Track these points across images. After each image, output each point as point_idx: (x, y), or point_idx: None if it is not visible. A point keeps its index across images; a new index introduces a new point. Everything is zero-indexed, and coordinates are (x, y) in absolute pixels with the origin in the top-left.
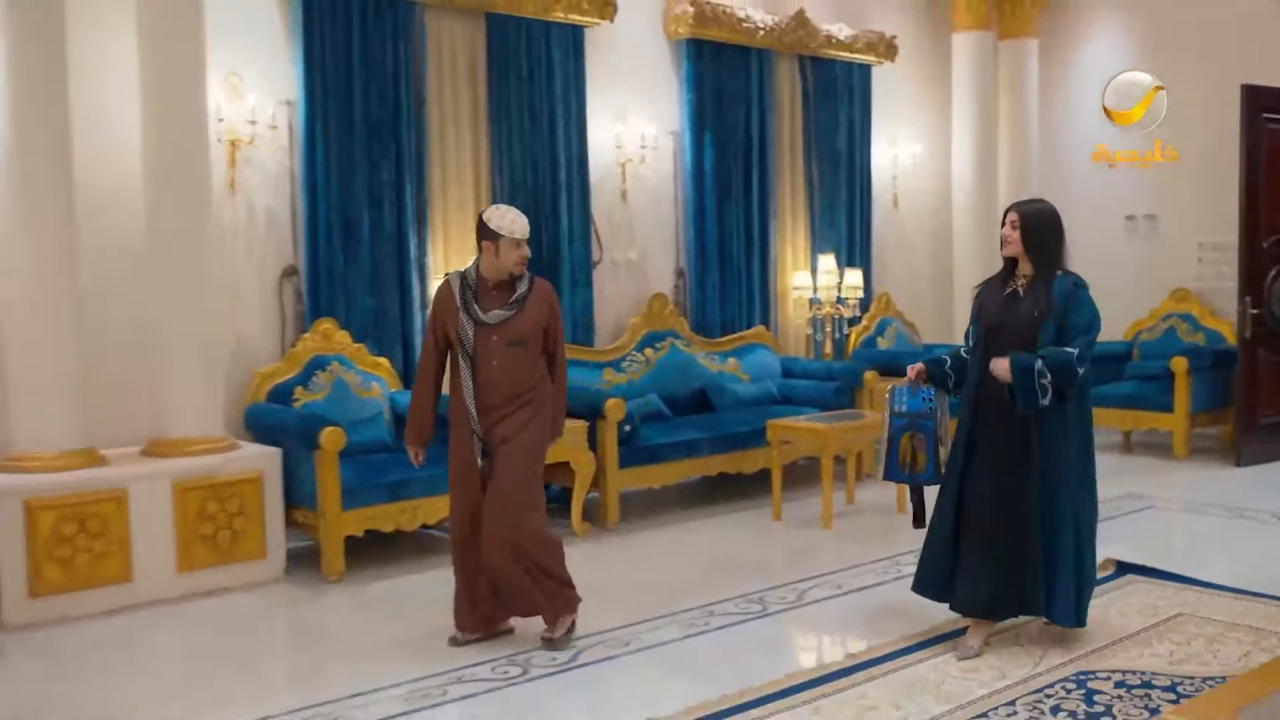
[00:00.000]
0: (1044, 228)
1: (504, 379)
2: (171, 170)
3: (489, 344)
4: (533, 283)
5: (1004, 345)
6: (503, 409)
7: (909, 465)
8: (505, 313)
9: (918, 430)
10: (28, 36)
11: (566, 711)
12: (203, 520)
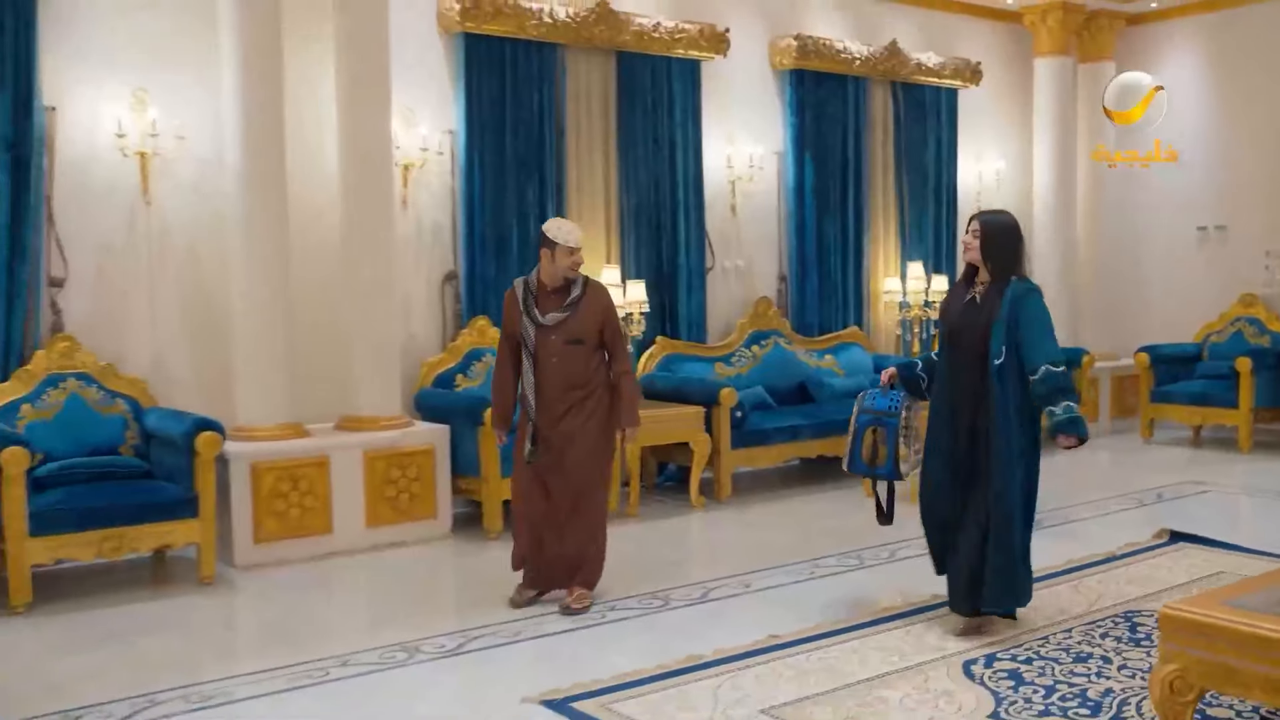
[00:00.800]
0: (1002, 238)
1: (563, 374)
2: (361, 191)
3: (548, 343)
4: (586, 285)
5: (962, 348)
6: (563, 400)
7: (871, 459)
8: (561, 314)
9: (881, 426)
10: (254, 83)
11: (703, 633)
12: (386, 484)
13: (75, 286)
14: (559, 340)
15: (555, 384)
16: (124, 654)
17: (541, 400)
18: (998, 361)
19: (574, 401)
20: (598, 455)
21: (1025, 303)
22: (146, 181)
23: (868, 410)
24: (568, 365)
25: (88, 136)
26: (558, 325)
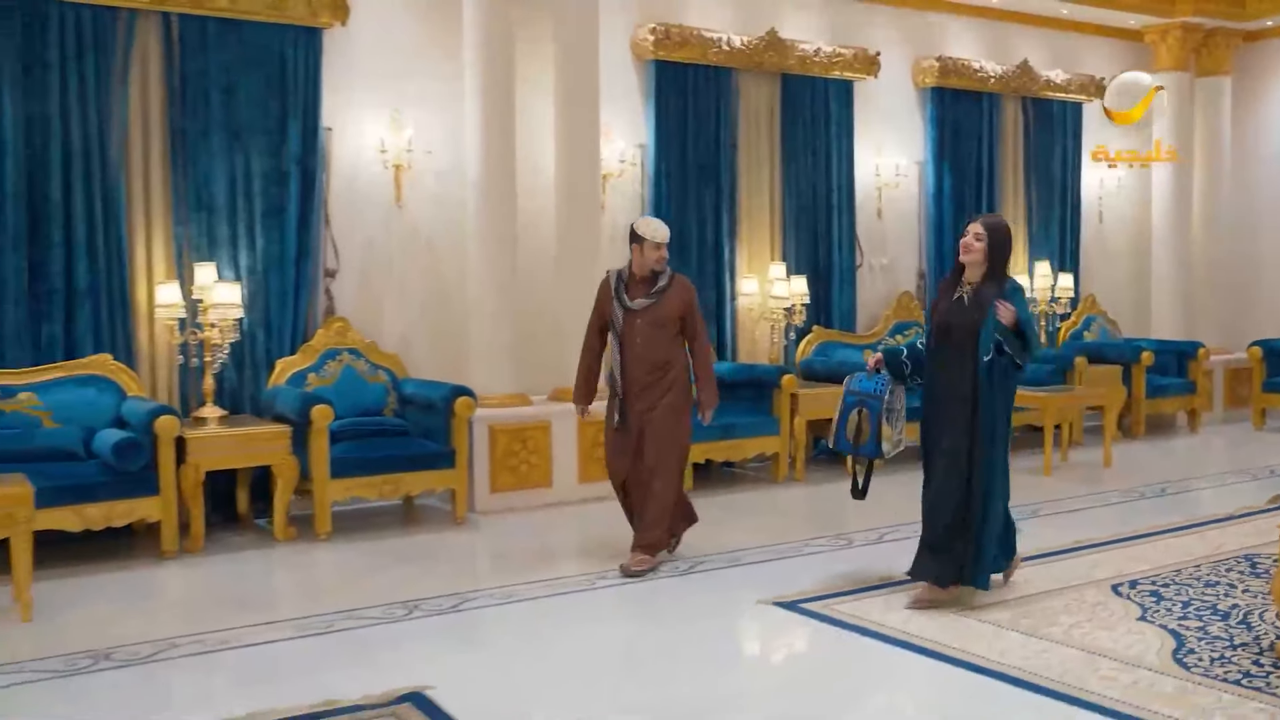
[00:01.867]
0: (1004, 242)
1: (645, 354)
2: (574, 198)
3: (634, 326)
4: (673, 278)
5: (952, 345)
6: (645, 379)
7: (855, 438)
8: (648, 301)
9: (864, 407)
10: (491, 107)
11: (872, 564)
12: (595, 447)
13: (344, 277)
14: (644, 324)
15: (638, 363)
16: (414, 570)
17: (626, 376)
18: (986, 358)
19: (654, 379)
20: (673, 429)
21: (1014, 299)
22: (400, 190)
23: (854, 392)
24: (650, 346)
25: (355, 152)
26: (643, 310)
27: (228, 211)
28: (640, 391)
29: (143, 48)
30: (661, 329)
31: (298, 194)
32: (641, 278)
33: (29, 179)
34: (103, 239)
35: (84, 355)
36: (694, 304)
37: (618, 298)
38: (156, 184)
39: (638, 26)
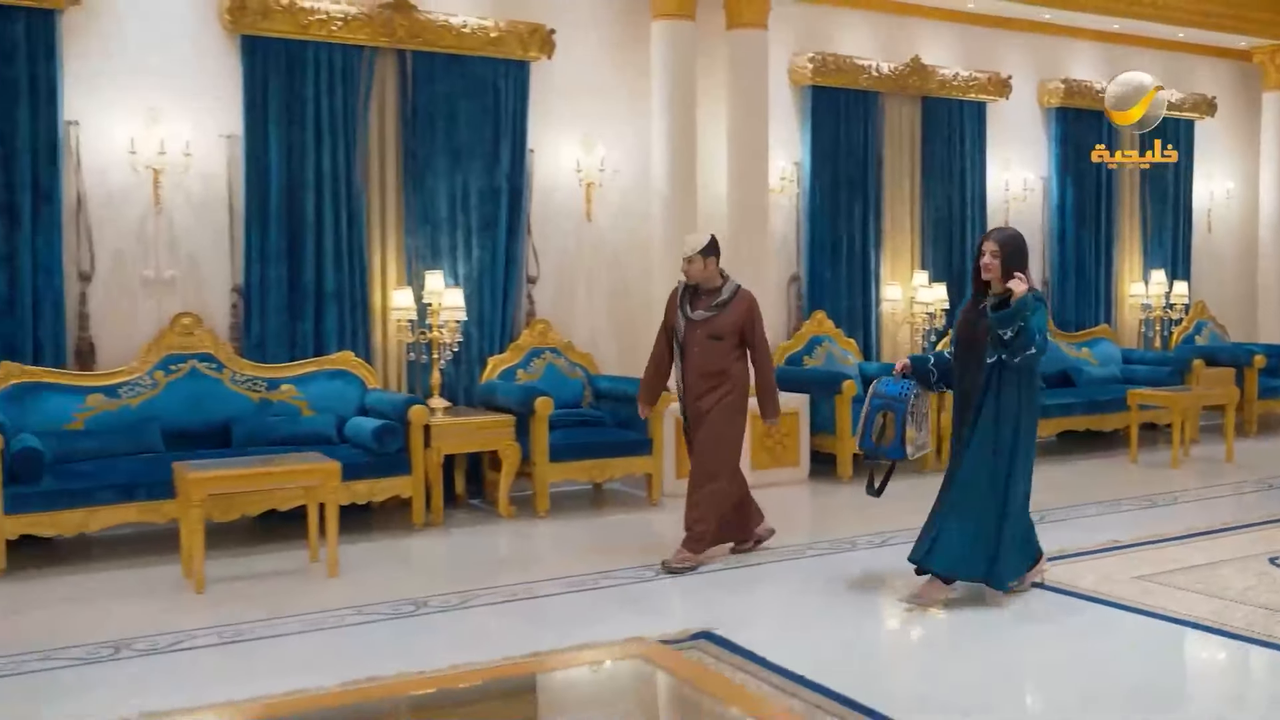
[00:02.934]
0: (1017, 253)
1: (701, 364)
2: (745, 211)
3: (694, 335)
4: (736, 293)
5: (974, 354)
6: (701, 385)
7: (880, 438)
8: (708, 313)
9: (890, 410)
10: (675, 131)
11: None
12: (765, 437)
13: (543, 283)
14: (702, 334)
15: (695, 370)
16: (640, 540)
17: (685, 382)
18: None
19: (709, 387)
20: (723, 436)
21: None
22: (590, 205)
23: (880, 395)
24: (706, 356)
25: (554, 172)
26: (703, 322)
27: (449, 224)
28: (696, 398)
29: (381, 81)
30: (718, 341)
31: (507, 209)
32: (706, 291)
33: (289, 199)
34: (346, 250)
35: (330, 352)
36: (754, 318)
37: (681, 308)
38: (391, 201)
39: (795, 55)
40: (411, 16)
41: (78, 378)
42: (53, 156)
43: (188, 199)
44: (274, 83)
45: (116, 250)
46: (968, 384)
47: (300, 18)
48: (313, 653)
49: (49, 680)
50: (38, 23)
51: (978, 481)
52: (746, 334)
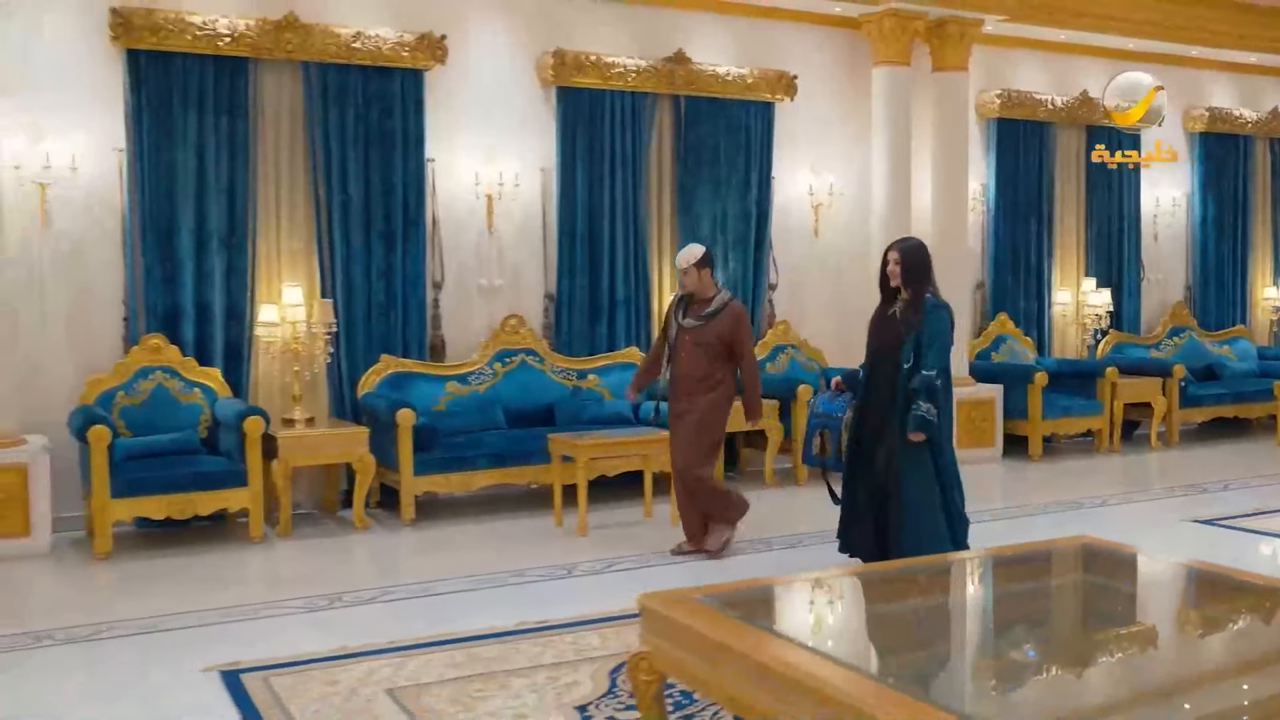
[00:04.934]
0: (917, 261)
1: (688, 369)
2: (949, 225)
3: (682, 341)
4: (725, 305)
5: (883, 357)
6: (688, 388)
7: (820, 453)
8: (696, 323)
9: (827, 428)
10: (893, 157)
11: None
12: (967, 420)
13: (781, 290)
14: (689, 341)
15: (682, 374)
16: None
17: (671, 384)
18: (906, 366)
19: (692, 390)
20: (700, 434)
21: (930, 318)
22: (818, 223)
23: (817, 414)
24: (691, 363)
25: (789, 196)
26: (692, 330)
27: (709, 242)
28: (679, 399)
29: (660, 123)
30: (703, 348)
31: (755, 228)
32: (699, 301)
33: (590, 223)
34: (633, 265)
35: (620, 349)
36: (740, 329)
37: (676, 316)
38: (666, 223)
39: (982, 92)
40: (687, 67)
41: (436, 368)
42: (419, 190)
43: (512, 222)
44: (580, 126)
45: (460, 263)
46: (877, 387)
47: (604, 71)
48: (691, 577)
49: (459, 600)
50: (410, 81)
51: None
52: (733, 344)
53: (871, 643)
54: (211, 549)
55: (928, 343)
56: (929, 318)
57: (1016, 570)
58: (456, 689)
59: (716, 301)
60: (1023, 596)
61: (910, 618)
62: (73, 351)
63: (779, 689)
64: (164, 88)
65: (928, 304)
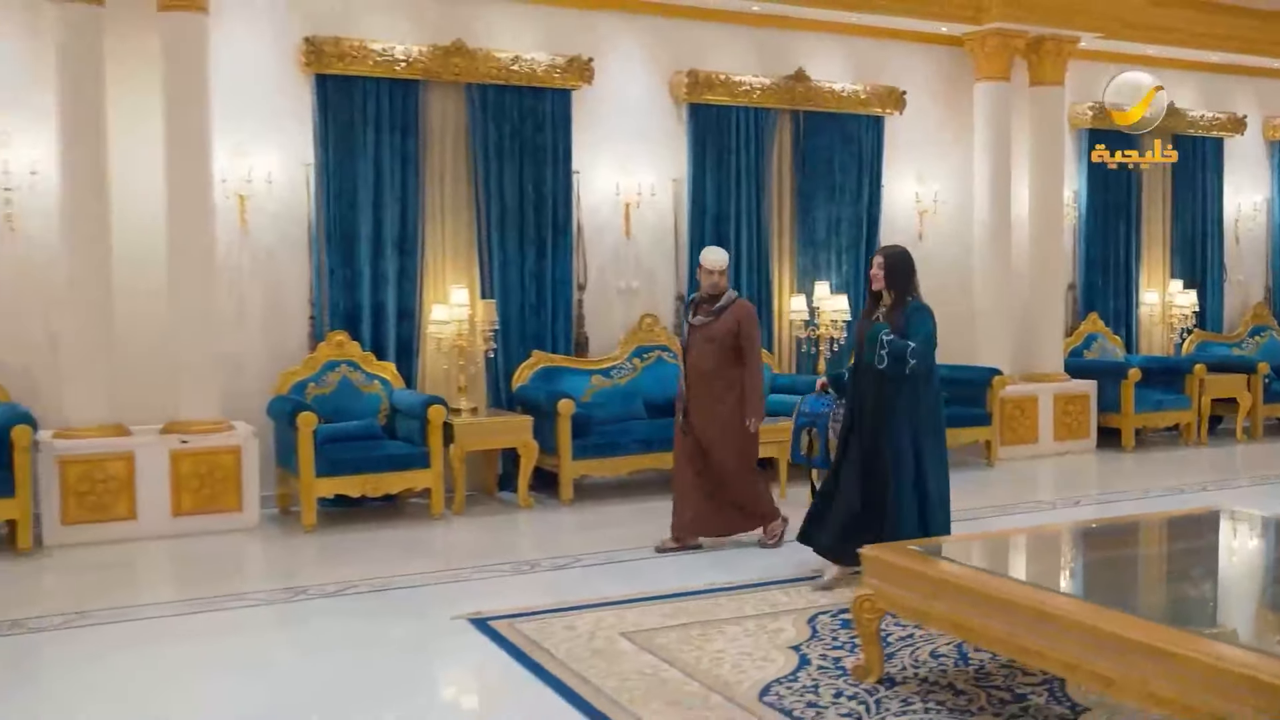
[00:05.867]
0: (900, 267)
1: (698, 364)
2: (1044, 233)
3: (694, 339)
4: (733, 301)
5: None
6: (700, 385)
7: (808, 452)
8: (706, 319)
9: (814, 426)
10: (995, 170)
11: None
12: (1064, 415)
13: None
14: (700, 338)
15: (694, 370)
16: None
17: (688, 384)
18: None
19: (708, 388)
20: (732, 434)
21: (914, 318)
22: (923, 228)
23: (805, 414)
24: (701, 358)
25: (896, 202)
26: (702, 327)
27: (825, 246)
28: (695, 398)
29: (780, 136)
30: (713, 343)
31: (865, 233)
32: (707, 298)
33: (716, 228)
34: (756, 266)
35: None
36: (748, 325)
37: (686, 315)
38: (785, 228)
39: (1074, 104)
40: (806, 84)
41: (582, 363)
42: (567, 200)
43: (647, 228)
44: (710, 139)
45: (600, 267)
46: (862, 387)
47: (733, 89)
48: None
49: (638, 567)
50: (559, 100)
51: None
52: (741, 340)
53: (1073, 576)
54: (398, 524)
55: (916, 334)
56: (913, 317)
57: (1179, 528)
58: (679, 634)
59: (726, 298)
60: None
61: (1104, 562)
62: (266, 346)
63: (1004, 612)
64: (347, 108)
65: (910, 306)
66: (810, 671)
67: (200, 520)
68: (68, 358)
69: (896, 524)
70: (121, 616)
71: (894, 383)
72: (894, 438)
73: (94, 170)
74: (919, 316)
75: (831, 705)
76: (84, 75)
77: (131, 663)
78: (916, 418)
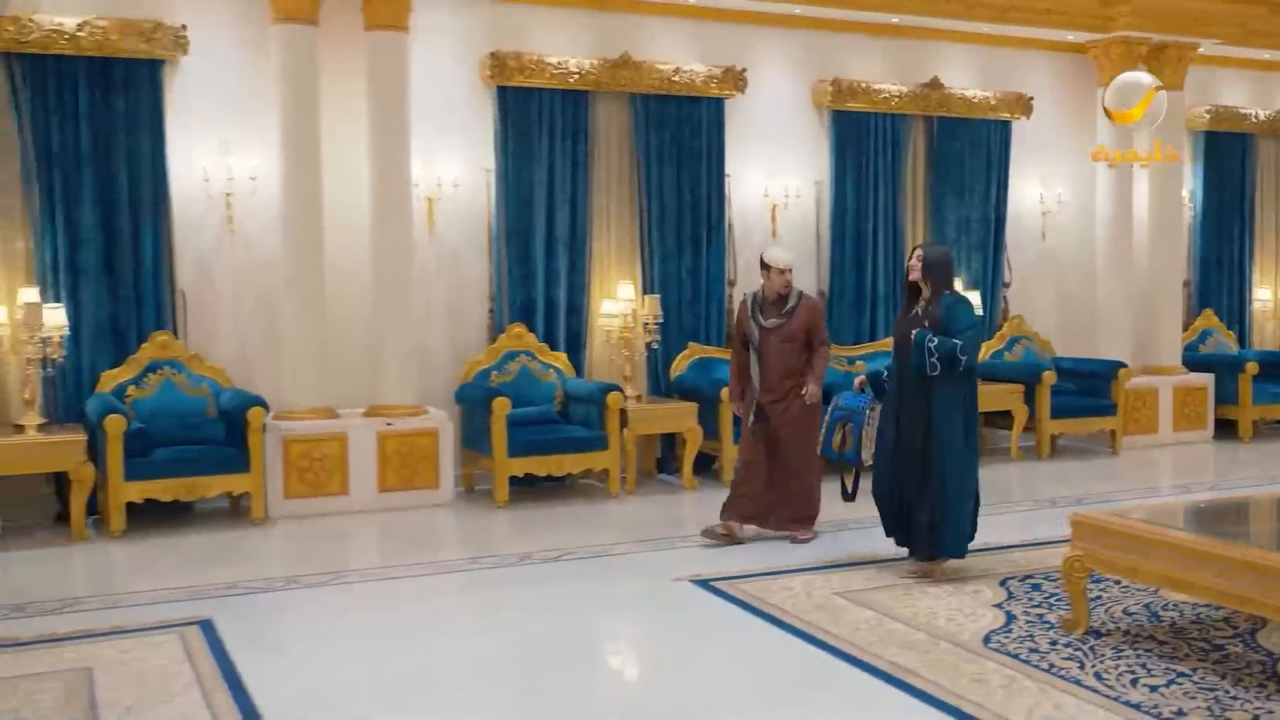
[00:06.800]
0: (939, 262)
1: (778, 364)
2: (1164, 233)
3: (770, 340)
4: (800, 298)
5: (906, 355)
6: (779, 386)
7: (840, 447)
8: (779, 320)
9: (849, 421)
10: (1118, 172)
11: None
12: (1183, 406)
13: (1014, 287)
14: (776, 339)
15: (775, 371)
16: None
17: (763, 384)
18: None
19: (787, 387)
20: (805, 428)
21: (955, 309)
22: (1045, 228)
23: (841, 408)
24: (783, 357)
25: (1022, 204)
26: (776, 329)
27: (956, 245)
28: (774, 397)
29: (914, 141)
30: (791, 343)
31: (993, 233)
32: (774, 299)
33: (856, 228)
34: (891, 264)
35: (879, 338)
36: (818, 320)
37: (754, 317)
38: (919, 226)
39: (1191, 107)
40: (941, 92)
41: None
42: (720, 201)
43: (790, 226)
44: (850, 144)
45: (748, 264)
46: (902, 380)
47: (872, 96)
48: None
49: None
50: (713, 107)
51: (956, 466)
52: (812, 334)
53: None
54: (577, 502)
55: (960, 330)
56: (954, 309)
57: None
58: (886, 594)
59: (793, 297)
60: None
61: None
62: (449, 338)
63: (1217, 566)
64: (524, 117)
65: (948, 298)
66: (1020, 625)
67: (402, 496)
68: (287, 347)
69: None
70: (366, 577)
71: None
72: (937, 426)
73: (310, 178)
74: (960, 308)
75: (1051, 651)
76: (302, 90)
77: (374, 619)
78: (959, 407)
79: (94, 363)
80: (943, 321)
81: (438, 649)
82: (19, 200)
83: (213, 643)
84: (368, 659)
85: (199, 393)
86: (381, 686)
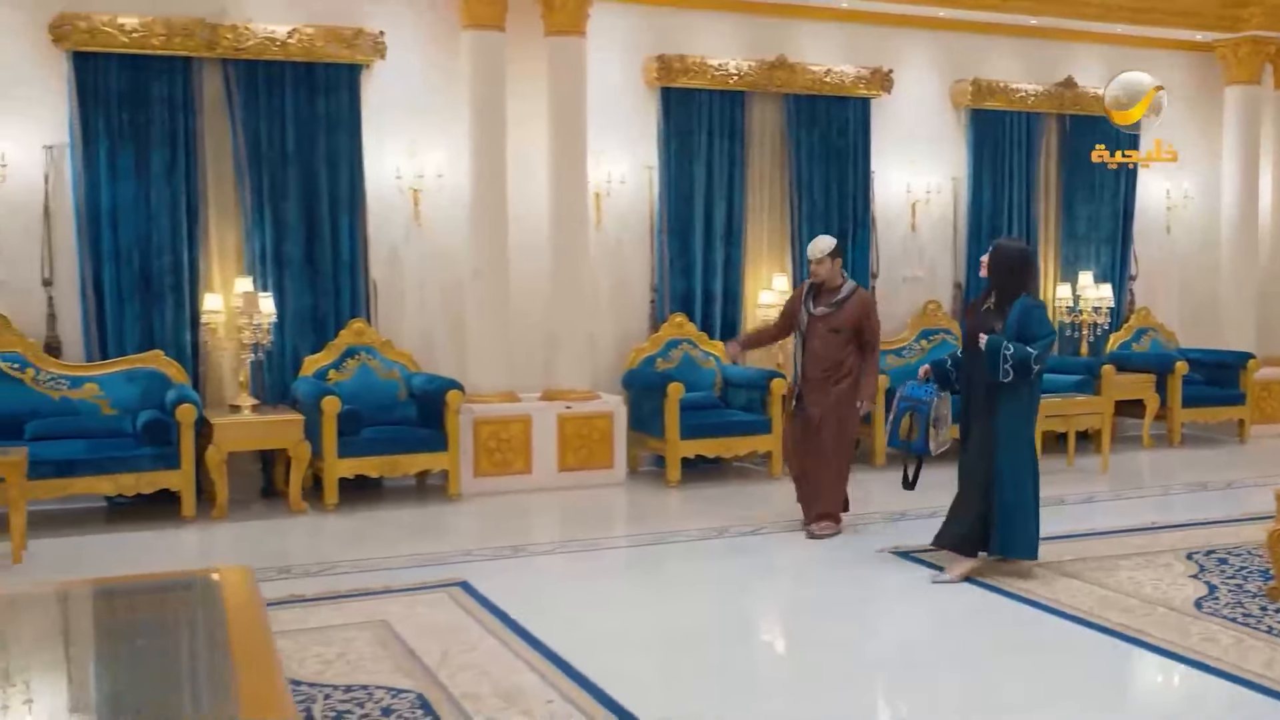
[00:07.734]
0: (1006, 263)
1: (820, 353)
2: (1239, 227)
3: (815, 329)
4: (854, 292)
5: (975, 350)
6: (817, 375)
7: (908, 436)
8: (828, 309)
9: (916, 411)
10: (1243, 171)
11: None
12: (1263, 402)
13: (1140, 280)
14: (823, 328)
15: (814, 360)
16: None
17: (804, 371)
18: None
19: (825, 376)
20: (841, 420)
21: (1031, 315)
22: (1170, 223)
23: (906, 398)
24: (825, 347)
25: (1149, 198)
26: (824, 316)
27: (1084, 240)
28: (813, 386)
29: (1046, 140)
30: (836, 334)
31: (1121, 225)
32: (829, 289)
33: (992, 224)
34: None
35: None
36: (870, 315)
37: (805, 303)
38: (1051, 223)
39: None
40: (1074, 91)
41: None
42: (865, 197)
43: (930, 222)
44: (987, 142)
45: (890, 258)
46: (972, 374)
47: (1010, 96)
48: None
49: (869, 528)
50: (859, 107)
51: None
52: (862, 329)
53: None
54: (737, 483)
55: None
56: (1029, 314)
57: None
58: (1083, 567)
59: (845, 289)
60: None
61: None
62: (614, 326)
63: None
64: (685, 117)
65: (1023, 303)
66: (1223, 593)
67: (580, 475)
68: (472, 334)
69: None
70: (561, 549)
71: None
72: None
73: (496, 175)
74: (1036, 313)
75: (1265, 615)
76: (490, 92)
77: (609, 584)
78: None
79: (296, 348)
80: (1014, 325)
81: (684, 610)
82: (233, 197)
83: (481, 600)
84: (622, 616)
85: (391, 376)
86: (646, 638)
